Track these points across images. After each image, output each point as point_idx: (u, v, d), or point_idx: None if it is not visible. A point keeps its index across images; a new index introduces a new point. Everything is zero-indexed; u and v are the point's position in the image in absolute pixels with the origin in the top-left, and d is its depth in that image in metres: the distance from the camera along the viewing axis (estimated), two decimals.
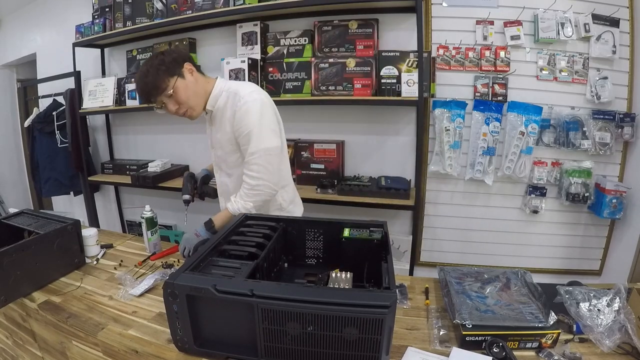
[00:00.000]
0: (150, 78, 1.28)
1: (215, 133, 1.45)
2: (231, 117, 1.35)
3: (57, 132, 2.95)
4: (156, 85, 1.28)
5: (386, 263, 0.95)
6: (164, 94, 1.30)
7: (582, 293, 1.02)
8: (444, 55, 2.02)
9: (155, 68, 1.28)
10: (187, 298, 0.82)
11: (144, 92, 1.32)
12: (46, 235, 1.23)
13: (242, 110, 1.32)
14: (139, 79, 1.30)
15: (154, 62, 1.29)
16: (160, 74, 1.28)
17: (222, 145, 1.44)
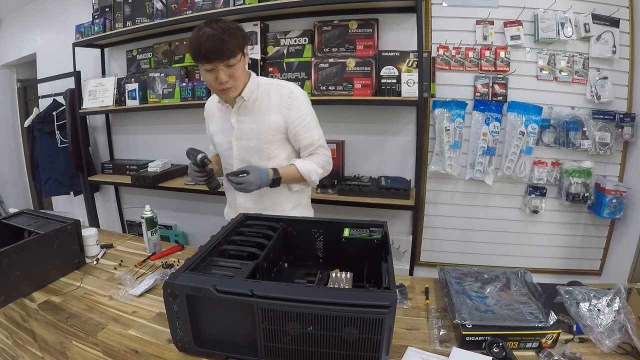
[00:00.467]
0: (228, 38, 1.20)
1: (247, 123, 1.40)
2: (281, 107, 1.35)
3: (57, 132, 2.95)
4: (230, 49, 1.22)
5: (386, 263, 0.95)
6: (229, 60, 1.24)
7: (582, 293, 1.02)
8: (444, 55, 2.02)
9: (235, 33, 1.23)
10: (187, 298, 0.82)
11: (213, 48, 1.20)
12: (46, 235, 1.23)
13: (299, 100, 1.36)
14: (214, 34, 1.19)
15: (231, 26, 1.24)
16: (239, 40, 1.24)
17: (260, 135, 1.39)
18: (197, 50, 1.22)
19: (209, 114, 1.56)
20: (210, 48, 1.20)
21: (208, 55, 1.22)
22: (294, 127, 1.37)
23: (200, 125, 2.60)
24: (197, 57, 1.24)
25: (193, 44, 1.23)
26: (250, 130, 1.40)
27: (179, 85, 2.35)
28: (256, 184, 1.30)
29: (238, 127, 1.41)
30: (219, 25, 1.22)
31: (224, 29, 1.21)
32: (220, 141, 1.49)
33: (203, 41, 1.20)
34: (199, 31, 1.22)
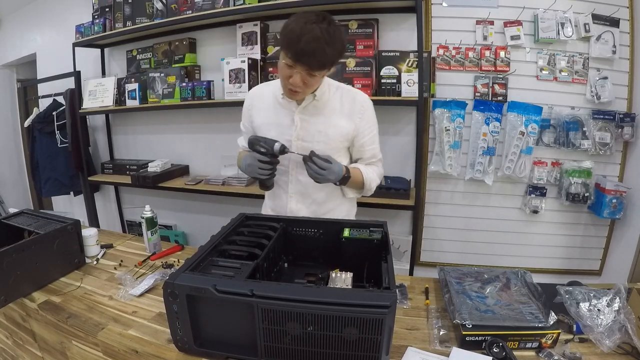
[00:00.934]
0: (331, 49, 1.07)
1: (312, 124, 1.27)
2: (353, 114, 1.28)
3: (57, 132, 2.95)
4: (325, 61, 1.10)
5: (386, 263, 0.95)
6: (315, 71, 1.12)
7: (582, 293, 1.02)
8: (444, 55, 2.02)
9: (339, 45, 1.11)
10: (187, 298, 0.82)
11: (311, 53, 1.06)
12: (46, 235, 1.23)
13: (371, 110, 1.32)
14: (319, 38, 1.05)
15: (338, 35, 1.10)
16: (337, 54, 1.12)
17: (328, 139, 1.28)
18: (293, 44, 1.07)
19: (256, 104, 1.37)
20: (309, 51, 1.06)
21: (301, 57, 1.08)
22: (363, 137, 1.31)
23: (200, 125, 2.63)
24: (288, 50, 1.09)
25: (292, 35, 1.07)
26: (317, 132, 1.28)
27: (179, 85, 2.35)
28: (335, 176, 1.21)
29: (301, 126, 1.28)
30: (329, 29, 1.07)
31: (331, 36, 1.07)
32: (274, 137, 1.28)
33: (305, 40, 1.05)
34: (306, 25, 1.06)
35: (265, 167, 1.23)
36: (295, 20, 1.10)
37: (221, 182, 2.34)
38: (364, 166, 1.36)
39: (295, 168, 1.34)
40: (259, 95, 1.38)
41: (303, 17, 1.10)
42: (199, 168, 2.70)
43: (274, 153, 1.20)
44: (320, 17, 1.09)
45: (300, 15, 1.11)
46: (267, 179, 1.27)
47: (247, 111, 1.40)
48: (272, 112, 1.32)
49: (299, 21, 1.09)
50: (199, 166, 2.70)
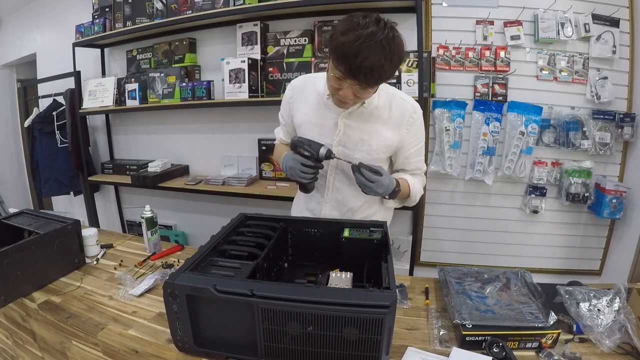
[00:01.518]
0: (389, 66, 0.97)
1: (356, 131, 1.20)
2: (401, 124, 1.20)
3: (57, 132, 2.95)
4: (383, 78, 1.01)
5: (386, 263, 0.95)
6: (371, 89, 1.04)
7: (582, 293, 1.02)
8: (444, 55, 2.02)
9: (398, 61, 0.99)
10: (187, 298, 0.82)
11: (369, 70, 0.94)
12: (46, 235, 1.23)
13: (420, 121, 1.23)
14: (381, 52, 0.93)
15: (400, 48, 0.98)
16: (394, 70, 1.02)
17: (371, 149, 1.21)
18: (347, 59, 0.94)
19: (299, 97, 1.28)
20: (366, 69, 0.94)
21: (357, 74, 0.96)
22: (408, 149, 1.24)
23: (200, 125, 2.63)
24: (341, 64, 0.97)
25: (346, 48, 0.93)
26: (361, 140, 1.21)
27: (179, 85, 2.35)
28: (384, 190, 1.13)
29: (344, 132, 1.21)
30: (391, 42, 0.95)
31: (392, 50, 0.95)
32: (315, 137, 1.22)
33: (363, 56, 0.92)
34: (364, 35, 0.92)
35: (307, 172, 1.17)
36: (350, 27, 0.95)
37: (221, 182, 2.34)
38: (411, 177, 1.29)
39: (334, 173, 1.28)
40: (302, 88, 1.27)
41: (359, 23, 0.95)
42: (199, 168, 2.70)
43: (319, 158, 1.14)
44: (380, 24, 0.96)
45: (355, 21, 0.96)
46: (309, 183, 1.22)
47: (288, 103, 1.31)
48: (315, 110, 1.23)
49: (355, 29, 0.94)
50: (199, 166, 2.70)
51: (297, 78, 1.33)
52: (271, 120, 2.43)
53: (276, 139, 1.48)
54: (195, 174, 2.69)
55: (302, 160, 1.17)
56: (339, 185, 1.30)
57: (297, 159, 1.18)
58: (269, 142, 2.38)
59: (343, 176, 1.28)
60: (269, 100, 2.14)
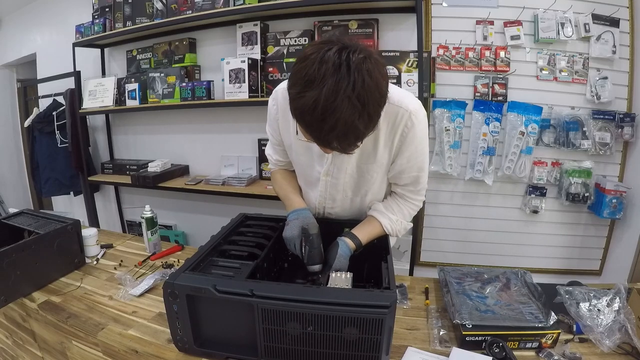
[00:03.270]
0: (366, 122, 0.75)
1: (348, 158, 1.05)
2: (394, 135, 1.00)
3: (57, 132, 2.94)
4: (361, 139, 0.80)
5: (386, 263, 0.95)
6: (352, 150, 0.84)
7: (582, 293, 1.02)
8: (444, 55, 2.02)
9: (374, 111, 0.76)
10: (187, 298, 0.82)
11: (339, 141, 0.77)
12: (46, 235, 1.23)
13: (417, 129, 0.99)
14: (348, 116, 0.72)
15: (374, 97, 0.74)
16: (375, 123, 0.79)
17: (361, 172, 1.09)
18: (312, 130, 0.77)
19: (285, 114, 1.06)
20: (336, 137, 0.76)
21: (329, 144, 0.79)
22: (401, 164, 1.05)
23: (200, 125, 2.63)
24: (306, 131, 0.79)
25: (307, 116, 0.74)
26: (350, 168, 1.08)
27: (179, 85, 2.35)
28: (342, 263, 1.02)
29: (332, 162, 1.07)
30: (364, 93, 0.72)
31: (366, 103, 0.72)
32: (305, 163, 1.14)
33: (329, 125, 0.72)
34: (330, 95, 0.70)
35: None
36: (305, 83, 0.73)
37: (221, 182, 2.34)
38: (389, 219, 1.12)
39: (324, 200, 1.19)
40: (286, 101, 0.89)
41: (315, 73, 0.72)
42: (199, 168, 2.70)
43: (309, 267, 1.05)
44: (341, 64, 0.71)
45: (310, 71, 0.72)
46: None
47: (274, 120, 1.14)
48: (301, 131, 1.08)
49: (310, 86, 0.72)
50: (199, 166, 2.70)
51: (278, 88, 1.10)
52: None
53: (269, 162, 1.29)
54: (195, 174, 2.69)
55: (296, 252, 1.08)
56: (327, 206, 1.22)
57: (294, 244, 1.06)
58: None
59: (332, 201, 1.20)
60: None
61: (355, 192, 1.17)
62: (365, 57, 0.74)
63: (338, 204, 1.21)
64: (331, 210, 1.23)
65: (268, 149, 1.27)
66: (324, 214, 1.25)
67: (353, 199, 1.19)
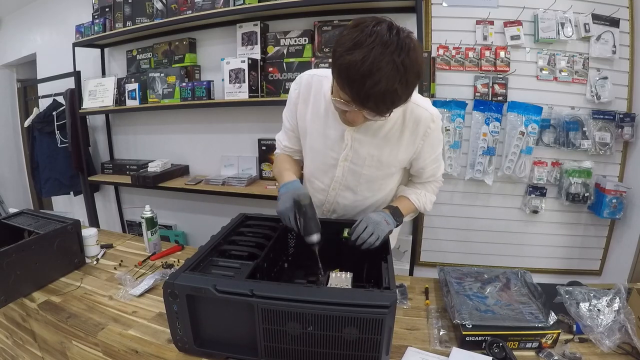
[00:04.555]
0: (404, 89, 0.81)
1: (366, 146, 1.09)
2: (416, 135, 1.07)
3: (57, 132, 2.95)
4: (396, 105, 0.86)
5: (386, 263, 0.95)
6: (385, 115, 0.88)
7: (582, 293, 1.02)
8: (444, 55, 2.02)
9: (416, 79, 0.84)
10: (187, 298, 0.82)
11: (381, 99, 0.81)
12: (46, 235, 1.23)
13: (436, 132, 1.10)
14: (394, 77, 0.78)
15: (417, 66, 0.81)
16: (410, 94, 0.86)
17: (381, 166, 1.12)
18: (354, 85, 0.80)
19: (306, 98, 1.12)
20: (377, 95, 0.79)
21: (366, 102, 0.83)
22: (424, 160, 1.14)
23: (200, 125, 2.63)
24: (347, 89, 0.83)
25: (353, 71, 0.79)
26: (370, 156, 1.10)
27: (179, 85, 2.35)
28: (383, 229, 1.03)
29: (352, 146, 1.10)
30: (407, 58, 0.78)
31: (408, 68, 0.79)
32: (318, 149, 1.15)
33: (373, 81, 0.77)
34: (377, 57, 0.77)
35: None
36: (356, 43, 0.79)
37: (221, 182, 2.34)
38: (415, 193, 1.19)
39: (337, 189, 1.19)
40: (309, 87, 1.11)
41: (367, 36, 0.78)
42: (199, 168, 2.70)
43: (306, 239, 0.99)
44: (392, 34, 0.79)
45: (363, 34, 0.79)
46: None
47: (294, 104, 1.16)
48: (323, 118, 1.09)
49: (361, 45, 0.78)
50: (199, 166, 2.70)
51: (304, 74, 1.14)
52: (271, 121, 2.43)
53: (277, 147, 1.31)
54: (195, 174, 2.69)
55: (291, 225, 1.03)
56: (340, 201, 1.23)
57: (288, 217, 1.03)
58: (269, 142, 2.38)
59: (348, 192, 1.20)
60: (269, 100, 2.14)
61: (369, 186, 1.18)
62: (411, 34, 0.83)
63: (349, 194, 1.21)
64: (341, 200, 1.22)
65: (279, 134, 1.30)
66: (333, 203, 1.24)
67: (365, 193, 1.20)
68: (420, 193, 1.21)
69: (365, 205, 1.25)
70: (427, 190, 1.23)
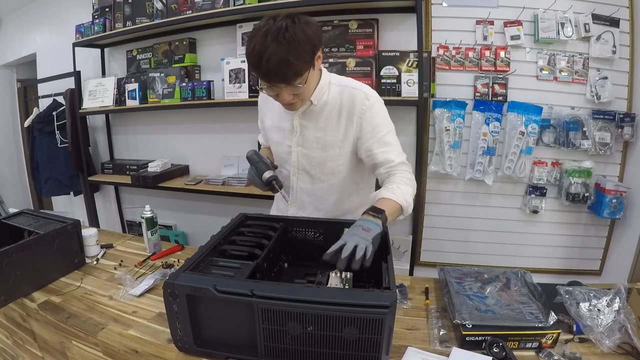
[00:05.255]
0: (296, 58, 0.96)
1: (311, 130, 1.21)
2: (352, 115, 1.16)
3: (57, 132, 2.95)
4: (297, 71, 0.99)
5: (386, 263, 0.95)
6: (294, 83, 1.02)
7: (582, 293, 1.02)
8: (444, 55, 2.02)
9: (304, 47, 0.97)
10: (187, 298, 0.82)
11: (276, 71, 0.97)
12: (46, 235, 1.23)
13: (375, 109, 1.16)
14: (278, 52, 0.94)
15: (301, 36, 0.97)
16: (308, 55, 1.00)
17: (325, 147, 1.21)
18: (256, 68, 1.00)
19: (264, 105, 1.35)
20: (273, 69, 0.97)
21: (270, 78, 1.01)
22: (366, 140, 1.17)
23: (200, 125, 2.63)
24: (256, 72, 1.03)
25: (252, 58, 0.98)
26: (315, 139, 1.21)
27: (179, 85, 2.35)
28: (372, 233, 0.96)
29: (301, 133, 1.22)
30: (287, 33, 0.95)
31: (291, 40, 0.95)
32: (277, 141, 1.31)
33: (265, 59, 0.95)
34: (261, 39, 0.95)
35: (262, 189, 1.22)
36: (251, 35, 0.99)
37: (221, 182, 2.34)
38: (386, 188, 1.14)
39: (297, 174, 1.29)
40: (264, 97, 1.29)
41: (260, 28, 0.98)
42: (199, 168, 2.70)
43: (263, 181, 1.17)
44: (277, 20, 0.97)
45: (256, 27, 1.00)
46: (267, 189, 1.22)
47: (260, 109, 1.39)
48: (277, 114, 1.27)
49: (254, 35, 0.98)
50: (199, 166, 2.70)
51: None
52: None
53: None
54: (195, 174, 2.69)
55: (255, 179, 1.20)
56: (302, 186, 1.30)
57: (252, 175, 1.21)
58: None
59: (306, 176, 1.28)
60: None
61: (321, 168, 1.25)
62: (289, 16, 0.98)
63: (307, 178, 1.28)
64: (303, 184, 1.30)
65: (259, 136, 1.53)
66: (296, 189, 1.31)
67: (320, 176, 1.26)
68: (390, 187, 1.13)
69: (327, 193, 1.29)
70: (396, 183, 1.14)
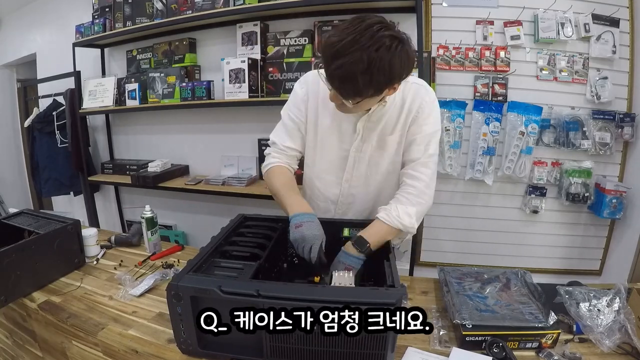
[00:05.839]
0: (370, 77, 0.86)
1: (376, 132, 1.11)
2: (411, 111, 1.09)
3: (57, 132, 2.94)
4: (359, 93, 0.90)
5: (388, 262, 0.95)
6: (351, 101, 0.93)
7: (582, 293, 1.02)
8: (444, 55, 2.02)
9: (376, 77, 0.86)
10: (191, 300, 0.81)
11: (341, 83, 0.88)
12: (46, 235, 1.23)
13: (432, 106, 1.09)
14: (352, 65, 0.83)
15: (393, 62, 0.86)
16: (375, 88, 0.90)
17: (386, 145, 1.12)
18: (326, 63, 0.89)
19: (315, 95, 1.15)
20: (337, 77, 0.87)
21: (332, 81, 0.91)
22: (413, 133, 1.10)
23: (200, 125, 2.63)
24: (322, 62, 0.92)
25: (327, 51, 0.87)
26: (377, 140, 1.13)
27: (179, 85, 2.35)
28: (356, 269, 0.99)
29: (362, 137, 1.12)
30: (377, 56, 0.83)
31: (370, 65, 0.83)
32: (332, 144, 1.16)
33: (337, 63, 0.84)
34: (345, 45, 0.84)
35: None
36: (344, 28, 0.87)
37: (221, 182, 2.34)
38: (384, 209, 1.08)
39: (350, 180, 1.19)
40: (316, 85, 1.12)
41: (357, 25, 0.86)
42: (199, 168, 2.70)
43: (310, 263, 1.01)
44: (378, 30, 0.86)
45: (355, 22, 0.88)
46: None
47: (302, 102, 1.17)
48: (332, 111, 1.10)
49: (345, 30, 0.86)
50: (199, 166, 2.70)
51: (309, 73, 1.20)
52: (271, 121, 2.42)
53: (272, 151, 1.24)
54: (195, 174, 2.68)
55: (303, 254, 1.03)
56: (353, 192, 1.22)
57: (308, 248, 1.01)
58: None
59: (358, 181, 1.20)
60: (269, 100, 2.14)
61: (375, 169, 1.17)
62: (393, 36, 0.87)
63: (361, 184, 1.20)
64: (355, 191, 1.22)
65: (278, 135, 1.23)
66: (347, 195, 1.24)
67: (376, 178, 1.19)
68: (389, 208, 1.08)
69: (375, 195, 1.22)
70: (400, 203, 1.08)
